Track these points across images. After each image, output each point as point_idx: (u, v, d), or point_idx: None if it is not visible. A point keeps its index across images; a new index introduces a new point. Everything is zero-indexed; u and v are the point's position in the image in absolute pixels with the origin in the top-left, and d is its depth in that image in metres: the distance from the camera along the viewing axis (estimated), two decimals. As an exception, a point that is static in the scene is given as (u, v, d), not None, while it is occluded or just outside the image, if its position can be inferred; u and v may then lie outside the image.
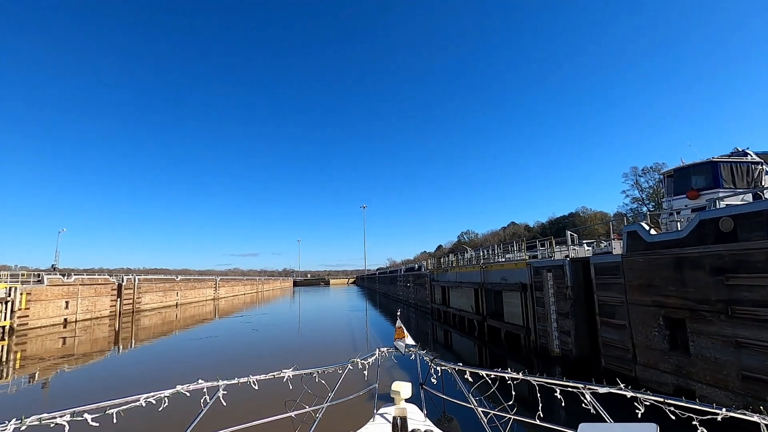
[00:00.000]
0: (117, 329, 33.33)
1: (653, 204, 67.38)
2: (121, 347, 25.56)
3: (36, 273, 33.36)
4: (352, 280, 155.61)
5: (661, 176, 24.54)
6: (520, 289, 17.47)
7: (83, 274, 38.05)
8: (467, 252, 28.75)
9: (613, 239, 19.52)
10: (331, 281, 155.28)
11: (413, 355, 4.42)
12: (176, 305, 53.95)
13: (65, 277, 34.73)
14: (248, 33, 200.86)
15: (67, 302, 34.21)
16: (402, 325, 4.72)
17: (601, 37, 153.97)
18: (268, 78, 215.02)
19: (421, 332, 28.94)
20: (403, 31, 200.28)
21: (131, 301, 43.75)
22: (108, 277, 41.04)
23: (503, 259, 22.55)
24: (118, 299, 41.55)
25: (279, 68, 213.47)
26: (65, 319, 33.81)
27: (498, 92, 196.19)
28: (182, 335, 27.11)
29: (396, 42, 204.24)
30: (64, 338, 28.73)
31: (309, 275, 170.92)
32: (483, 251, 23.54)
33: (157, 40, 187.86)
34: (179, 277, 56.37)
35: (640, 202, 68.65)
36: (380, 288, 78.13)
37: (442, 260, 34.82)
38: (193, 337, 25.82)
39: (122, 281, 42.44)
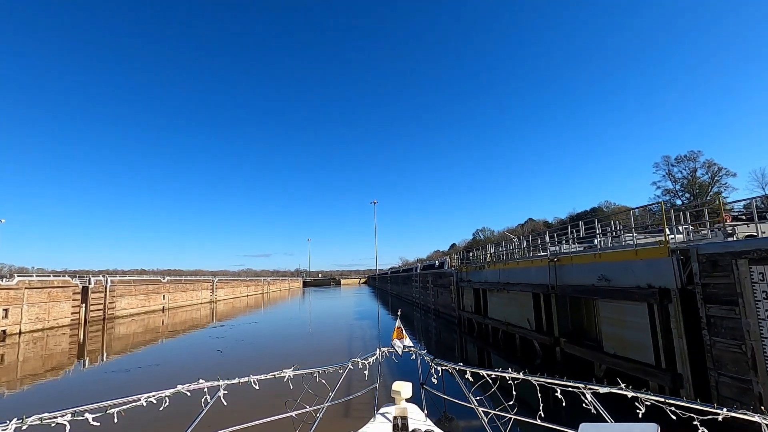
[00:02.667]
0: (82, 340, 26.92)
1: (688, 195, 58.28)
2: (88, 361, 19.61)
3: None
4: (363, 280, 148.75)
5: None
6: (653, 298, 9.14)
7: (32, 275, 31.14)
8: (516, 240, 20.38)
9: (726, 222, 11.60)
10: (342, 281, 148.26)
11: (414, 355, 4.29)
12: (163, 310, 47.09)
13: (3, 280, 27.84)
14: (259, 34, 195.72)
15: (6, 310, 27.26)
16: (401, 326, 4.57)
17: (616, 30, 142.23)
18: (277, 78, 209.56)
19: (446, 348, 20.85)
20: (415, 28, 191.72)
21: (102, 306, 36.83)
22: (69, 278, 34.04)
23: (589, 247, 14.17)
24: (83, 305, 34.62)
25: (287, 68, 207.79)
26: (4, 331, 26.85)
27: (508, 87, 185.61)
28: (104, 367, 18.57)
29: (408, 38, 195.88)
30: (2, 355, 22.42)
31: (320, 275, 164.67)
32: (547, 236, 15.14)
33: (175, 40, 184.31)
34: (167, 278, 49.38)
35: (673, 194, 60.10)
36: (393, 289, 69.96)
37: (473, 253, 26.39)
38: (119, 367, 17.78)
39: (89, 283, 35.48)
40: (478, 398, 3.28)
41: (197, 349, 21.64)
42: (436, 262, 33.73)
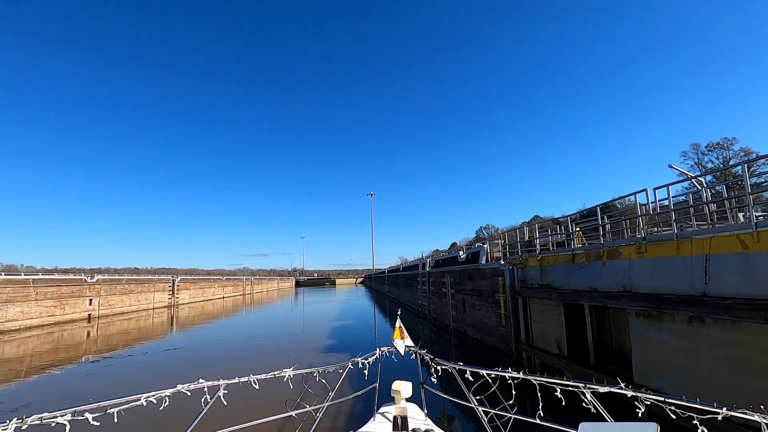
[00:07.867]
0: None
1: (719, 188, 47.40)
2: None
3: None
4: (360, 280, 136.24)
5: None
6: None
7: None
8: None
9: None
10: (338, 281, 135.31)
11: (414, 355, 4.20)
12: (89, 319, 34.38)
13: None
14: (256, 33, 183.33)
15: None
16: (402, 326, 4.35)
17: (626, 23, 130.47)
18: (274, 78, 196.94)
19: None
20: (419, 23, 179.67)
21: (-32, 317, 24.24)
22: None
23: None
24: None
25: (284, 68, 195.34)
26: None
27: (511, 81, 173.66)
28: None
29: (409, 34, 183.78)
30: None
31: (316, 274, 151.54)
32: None
33: (172, 40, 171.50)
34: (96, 276, 36.53)
35: (703, 187, 49.69)
36: (391, 292, 57.07)
37: (564, 228, 13.58)
38: None
39: (-61, 284, 22.83)
40: (478, 398, 3.17)
41: None
42: (460, 253, 21.13)
